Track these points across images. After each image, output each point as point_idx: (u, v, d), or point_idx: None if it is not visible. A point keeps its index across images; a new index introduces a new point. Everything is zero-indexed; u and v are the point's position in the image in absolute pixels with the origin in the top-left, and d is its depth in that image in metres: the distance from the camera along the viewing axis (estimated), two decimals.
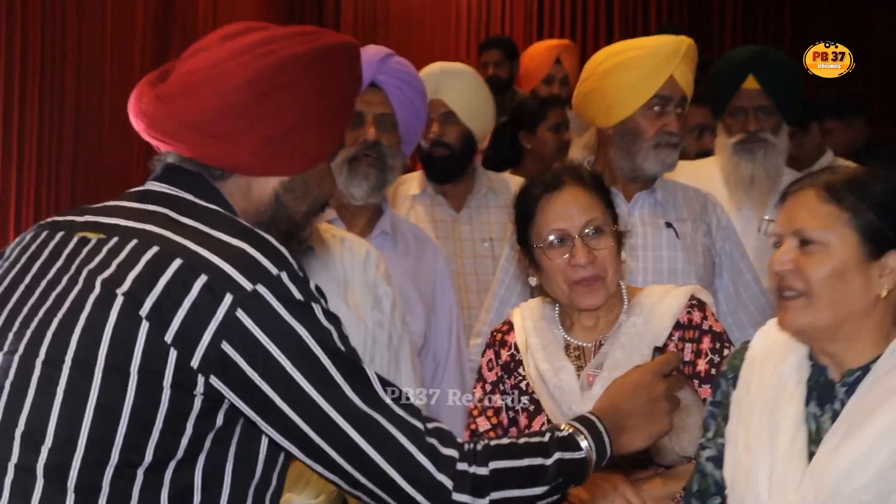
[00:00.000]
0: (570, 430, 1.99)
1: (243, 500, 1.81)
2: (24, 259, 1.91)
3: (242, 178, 1.88)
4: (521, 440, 1.97)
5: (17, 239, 2.00)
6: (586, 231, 2.76)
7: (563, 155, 5.18)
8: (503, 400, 2.86)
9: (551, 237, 2.77)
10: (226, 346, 1.70)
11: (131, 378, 1.69)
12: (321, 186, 1.95)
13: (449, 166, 4.20)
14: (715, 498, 2.48)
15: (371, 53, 3.44)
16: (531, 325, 2.91)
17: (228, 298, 1.69)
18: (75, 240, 1.86)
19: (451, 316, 3.52)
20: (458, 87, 4.33)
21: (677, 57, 3.63)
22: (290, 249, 1.91)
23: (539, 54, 6.49)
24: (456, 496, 1.78)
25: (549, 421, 2.83)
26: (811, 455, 2.26)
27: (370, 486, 1.78)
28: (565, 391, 2.76)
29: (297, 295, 1.74)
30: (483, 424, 2.91)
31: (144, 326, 1.70)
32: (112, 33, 6.62)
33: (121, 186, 2.25)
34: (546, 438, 1.97)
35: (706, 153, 5.19)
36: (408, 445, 1.77)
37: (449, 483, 1.77)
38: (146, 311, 1.71)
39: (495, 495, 1.83)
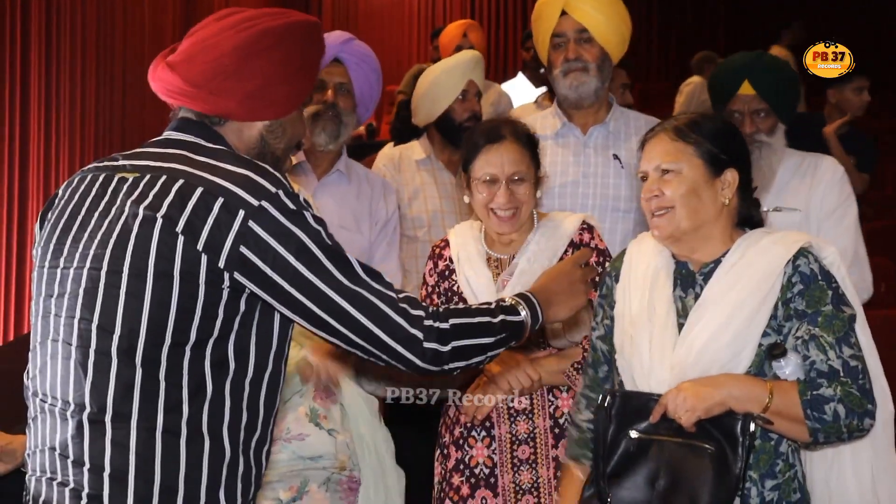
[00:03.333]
0: (512, 302, 2.22)
1: (265, 366, 2.00)
2: (76, 197, 2.04)
3: (235, 123, 2.08)
4: (474, 306, 2.20)
5: (66, 182, 2.13)
6: (513, 178, 3.04)
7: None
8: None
9: (484, 177, 3.05)
10: (243, 249, 1.88)
11: (175, 279, 1.87)
12: (294, 129, 2.17)
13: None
14: (603, 366, 2.68)
15: (336, 36, 3.79)
16: (461, 241, 3.16)
17: (241, 213, 1.88)
18: (116, 179, 2.00)
19: (388, 229, 3.84)
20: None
21: None
22: None
23: (450, 31, 7.04)
24: (426, 344, 2.01)
25: None
26: (680, 326, 2.46)
27: (361, 342, 1.99)
28: (484, 292, 3.03)
29: (292, 206, 1.92)
30: None
31: (181, 240, 1.87)
32: (150, 30, 6.97)
33: None
34: (493, 305, 2.18)
35: (629, 107, 5.05)
36: (386, 309, 1.98)
37: (420, 334, 2.00)
38: (181, 228, 1.87)
39: (455, 343, 2.05)
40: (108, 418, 1.89)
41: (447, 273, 3.16)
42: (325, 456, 2.77)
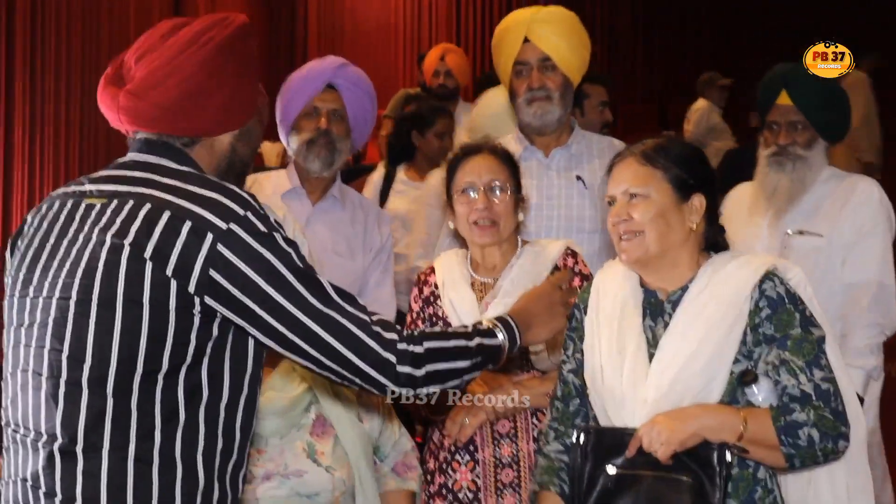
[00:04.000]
0: (489, 325, 2.22)
1: (240, 390, 1.99)
2: (45, 225, 2.03)
3: (207, 140, 2.08)
4: (450, 329, 2.19)
5: (35, 209, 2.12)
6: (490, 186, 3.09)
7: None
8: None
9: (463, 187, 3.10)
10: (213, 273, 1.86)
11: (144, 307, 1.85)
12: (256, 130, 2.18)
13: None
14: (575, 399, 2.67)
15: (330, 61, 3.77)
16: (447, 267, 3.20)
17: (210, 237, 1.86)
18: (84, 205, 1.99)
19: (382, 256, 3.82)
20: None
21: (524, 25, 3.67)
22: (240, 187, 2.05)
23: (429, 55, 7.16)
24: (399, 368, 1.99)
25: None
26: (651, 356, 2.46)
27: (333, 366, 1.97)
28: (468, 314, 3.04)
29: (262, 228, 1.91)
30: None
31: (149, 266, 1.86)
32: (134, 35, 7.22)
33: None
34: (469, 329, 2.18)
35: (608, 125, 5.28)
36: (358, 332, 1.96)
37: (393, 358, 1.98)
38: (149, 254, 1.86)
39: (429, 367, 2.04)
40: (79, 448, 1.88)
41: (432, 298, 3.19)
42: (321, 493, 2.76)
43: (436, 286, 3.19)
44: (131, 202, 1.94)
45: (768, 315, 2.41)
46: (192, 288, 1.87)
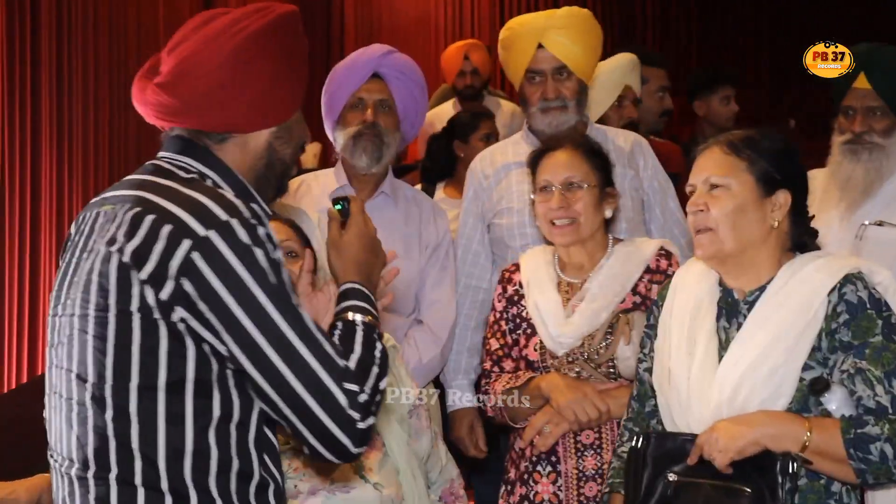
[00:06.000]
0: (350, 311, 2.04)
1: (251, 407, 1.89)
2: (76, 238, 2.00)
3: (240, 137, 1.99)
4: (358, 343, 1.96)
5: (75, 220, 2.07)
6: (567, 184, 3.03)
7: None
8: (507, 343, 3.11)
9: (541, 185, 3.06)
10: (185, 283, 1.77)
11: (133, 316, 1.79)
12: (299, 130, 2.09)
13: None
14: (651, 400, 2.63)
15: (374, 49, 3.67)
16: (532, 266, 3.15)
17: (187, 243, 1.77)
18: (94, 214, 1.96)
19: (439, 253, 3.70)
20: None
21: (539, 31, 3.58)
22: (279, 191, 2.05)
23: (451, 54, 6.98)
24: (360, 425, 1.84)
25: (541, 342, 3.03)
26: (721, 358, 2.41)
27: (291, 416, 1.82)
28: (552, 317, 3.01)
29: (244, 238, 1.79)
30: (494, 344, 3.16)
31: (133, 272, 1.79)
32: (164, 35, 6.61)
33: None
34: (348, 323, 2.01)
35: (668, 112, 5.14)
36: (325, 379, 1.81)
37: (357, 415, 1.82)
38: (128, 259, 1.79)
39: (373, 412, 1.89)
40: (90, 474, 1.84)
41: (516, 298, 3.15)
42: None
43: (520, 285, 3.15)
44: (126, 206, 1.88)
45: (846, 321, 2.34)
46: (164, 296, 1.79)
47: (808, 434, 2.26)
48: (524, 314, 3.09)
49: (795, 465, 2.25)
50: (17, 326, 5.40)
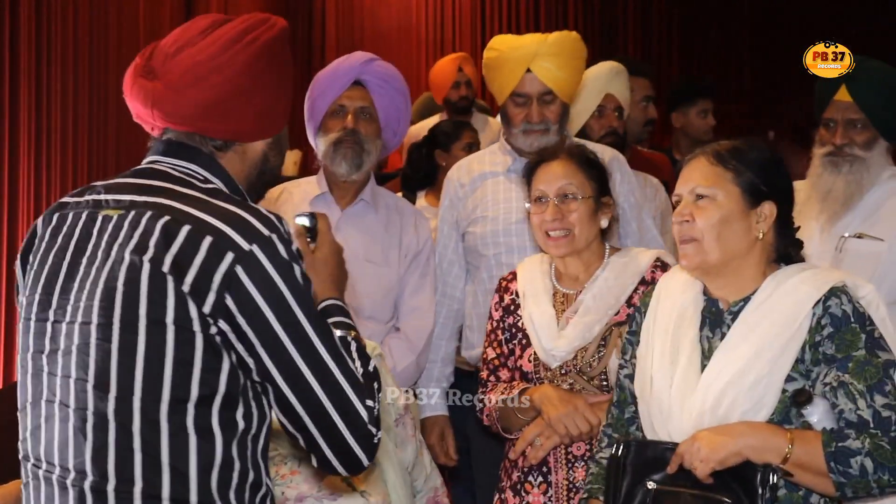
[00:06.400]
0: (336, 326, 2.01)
1: (264, 419, 1.92)
2: (59, 240, 1.95)
3: (240, 146, 2.00)
4: (355, 355, 1.98)
5: (43, 218, 2.02)
6: (562, 195, 3.03)
7: None
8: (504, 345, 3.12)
9: (535, 196, 3.06)
10: (227, 297, 1.77)
11: (168, 327, 1.77)
12: (286, 140, 2.12)
13: None
14: (630, 406, 2.63)
15: (356, 57, 3.67)
16: (529, 276, 3.14)
17: (230, 256, 1.78)
18: (100, 218, 1.91)
19: (419, 259, 3.72)
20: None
21: (529, 57, 3.60)
22: (258, 200, 2.05)
23: (443, 66, 6.98)
24: (376, 440, 1.90)
25: (535, 353, 3.04)
26: (704, 368, 2.41)
27: (314, 431, 1.86)
28: (545, 330, 3.01)
29: (284, 255, 1.82)
30: (490, 353, 3.16)
31: (170, 281, 1.78)
32: (144, 33, 6.66)
33: None
34: (349, 352, 1.98)
35: (652, 121, 5.14)
36: (352, 396, 1.85)
37: (374, 430, 1.88)
38: (167, 268, 1.78)
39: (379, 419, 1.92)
40: (110, 487, 1.81)
41: (513, 308, 3.15)
42: None
43: (516, 294, 3.15)
44: (149, 213, 1.86)
45: (830, 333, 2.34)
46: (206, 309, 1.79)
47: (790, 446, 2.26)
48: (520, 324, 3.10)
49: (776, 476, 2.26)
50: None
